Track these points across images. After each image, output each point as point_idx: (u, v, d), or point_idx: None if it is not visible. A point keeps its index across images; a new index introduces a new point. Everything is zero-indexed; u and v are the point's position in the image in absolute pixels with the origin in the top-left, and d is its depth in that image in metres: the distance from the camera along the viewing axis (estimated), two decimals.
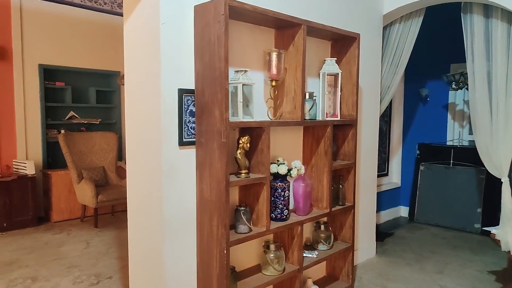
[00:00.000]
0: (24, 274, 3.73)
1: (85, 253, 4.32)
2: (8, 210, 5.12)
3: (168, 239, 2.40)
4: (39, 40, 5.69)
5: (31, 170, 5.35)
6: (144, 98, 2.49)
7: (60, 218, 5.59)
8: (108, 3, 6.28)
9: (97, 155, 5.83)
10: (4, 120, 5.45)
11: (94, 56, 6.24)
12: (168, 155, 2.36)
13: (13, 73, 5.49)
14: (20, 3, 5.47)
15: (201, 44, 2.37)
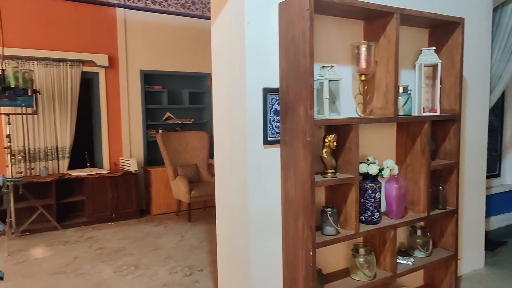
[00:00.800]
0: (129, 261, 4.08)
1: (179, 246, 4.59)
2: (115, 203, 5.67)
3: (254, 237, 2.41)
4: (140, 48, 6.19)
5: (134, 167, 5.84)
6: (230, 98, 2.53)
7: (159, 211, 6.03)
8: (200, 8, 6.59)
9: (191, 153, 6.15)
10: (113, 122, 6.05)
11: (187, 59, 6.60)
12: (253, 154, 2.37)
13: (119, 79, 6.05)
14: (125, 16, 5.99)
15: (286, 42, 2.33)
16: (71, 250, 4.46)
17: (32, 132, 5.47)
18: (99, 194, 5.58)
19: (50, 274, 3.80)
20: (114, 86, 6.04)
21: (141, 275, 3.75)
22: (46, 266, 4.00)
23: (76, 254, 4.33)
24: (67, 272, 3.84)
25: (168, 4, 6.37)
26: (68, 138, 5.71)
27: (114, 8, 5.91)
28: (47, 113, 5.54)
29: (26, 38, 5.25)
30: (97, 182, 5.55)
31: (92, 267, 3.95)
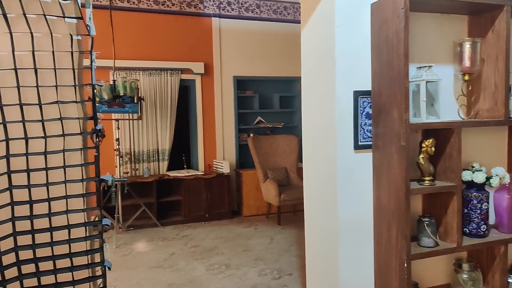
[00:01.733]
0: (220, 261, 4.26)
1: (269, 248, 4.65)
2: (209, 203, 5.96)
3: (343, 245, 2.34)
4: (233, 55, 6.45)
5: (227, 169, 6.09)
6: (319, 102, 2.50)
7: (249, 213, 6.19)
8: (291, 13, 6.65)
9: (280, 156, 6.22)
10: (207, 126, 6.39)
11: (278, 64, 6.69)
12: (343, 158, 2.31)
13: (214, 85, 6.37)
14: (219, 25, 6.30)
15: (378, 43, 2.23)
16: (169, 247, 4.80)
17: (137, 136, 6.02)
18: (194, 194, 5.92)
19: (150, 267, 4.13)
20: (209, 92, 6.37)
21: (231, 274, 3.88)
22: (147, 259, 4.36)
23: (173, 251, 4.64)
24: (164, 267, 4.13)
25: (261, 11, 6.55)
26: (168, 141, 6.16)
27: (210, 18, 6.25)
28: (150, 119, 6.05)
29: (133, 51, 5.79)
30: (192, 183, 5.89)
31: (187, 264, 4.20)
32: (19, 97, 2.00)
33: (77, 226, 2.24)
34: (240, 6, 6.42)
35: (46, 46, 1.99)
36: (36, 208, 2.14)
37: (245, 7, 6.45)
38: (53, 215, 2.17)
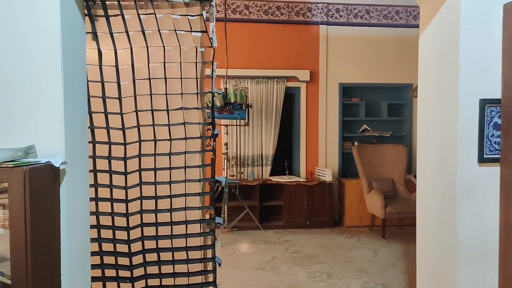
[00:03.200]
0: (321, 269, 4.22)
1: (372, 261, 4.47)
2: (310, 210, 5.95)
3: (463, 266, 2.15)
4: (340, 62, 6.37)
5: (329, 177, 6.02)
6: (439, 110, 2.34)
7: (351, 223, 6.02)
8: (404, 18, 6.34)
9: (387, 167, 5.94)
10: (310, 133, 6.40)
11: (387, 70, 6.42)
12: (465, 172, 2.12)
13: (319, 93, 6.36)
14: (327, 32, 6.28)
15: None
16: (270, 250, 4.90)
17: (243, 141, 6.29)
18: (296, 200, 5.96)
19: (252, 268, 4.27)
20: (314, 99, 6.38)
21: (333, 284, 3.82)
22: (249, 260, 4.51)
23: (274, 254, 4.73)
24: (266, 269, 4.23)
25: (370, 16, 6.37)
26: (271, 147, 6.32)
27: (318, 25, 6.27)
28: (256, 125, 6.28)
29: (243, 60, 6.08)
30: (294, 189, 5.95)
31: (288, 269, 4.24)
32: (151, 103, 2.25)
33: (193, 222, 2.43)
34: (349, 12, 6.32)
35: (175, 58, 2.21)
36: (159, 203, 2.38)
37: (353, 13, 6.34)
38: (174, 211, 2.39)
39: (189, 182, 2.35)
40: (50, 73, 1.66)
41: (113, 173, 2.29)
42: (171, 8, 2.12)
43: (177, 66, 2.22)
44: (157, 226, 2.38)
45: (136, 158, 2.29)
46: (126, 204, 2.32)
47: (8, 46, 1.64)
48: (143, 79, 2.21)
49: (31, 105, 1.65)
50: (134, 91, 2.20)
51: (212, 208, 2.45)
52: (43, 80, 1.66)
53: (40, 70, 1.65)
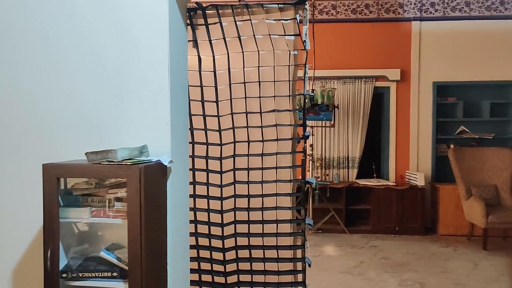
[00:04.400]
0: (413, 278, 4.00)
1: (472, 274, 4.12)
2: (400, 216, 5.67)
3: None
4: (434, 59, 5.98)
5: (421, 181, 5.68)
6: None
7: (446, 232, 5.61)
8: (510, 8, 5.74)
9: (489, 172, 5.43)
10: (401, 135, 6.11)
11: (489, 67, 5.87)
12: None
13: (410, 92, 6.04)
14: (420, 28, 5.94)
15: None
16: (357, 255, 4.78)
17: (328, 143, 6.22)
18: (384, 205, 5.72)
19: (339, 272, 4.20)
20: (405, 99, 6.07)
21: None
22: (336, 264, 4.45)
23: (361, 259, 4.60)
24: (354, 274, 4.14)
25: (470, 9, 5.88)
26: (358, 149, 6.15)
27: (410, 22, 5.96)
28: (342, 126, 6.16)
29: (330, 60, 6.01)
30: (383, 193, 5.72)
31: (377, 275, 4.10)
32: (245, 106, 2.35)
33: (284, 222, 2.48)
34: (446, 6, 5.90)
35: (269, 61, 2.28)
36: (251, 202, 2.47)
37: (451, 7, 5.90)
38: (265, 210, 2.46)
39: (280, 182, 2.40)
40: (159, 79, 1.82)
41: (209, 172, 2.44)
42: (265, 14, 2.19)
43: (271, 70, 2.28)
44: (249, 224, 2.48)
45: (231, 158, 2.41)
46: (221, 202, 2.45)
47: (123, 56, 1.84)
48: (238, 83, 2.32)
49: (143, 109, 1.83)
50: (230, 94, 2.32)
51: (302, 208, 2.47)
52: (153, 86, 1.83)
53: (150, 76, 1.83)
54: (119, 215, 1.62)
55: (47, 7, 1.86)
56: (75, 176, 1.64)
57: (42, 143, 1.88)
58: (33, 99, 1.88)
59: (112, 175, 1.57)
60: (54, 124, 1.87)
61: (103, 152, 1.56)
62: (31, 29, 1.88)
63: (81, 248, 1.86)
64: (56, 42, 1.87)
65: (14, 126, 1.90)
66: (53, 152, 1.85)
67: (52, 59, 1.87)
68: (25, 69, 1.89)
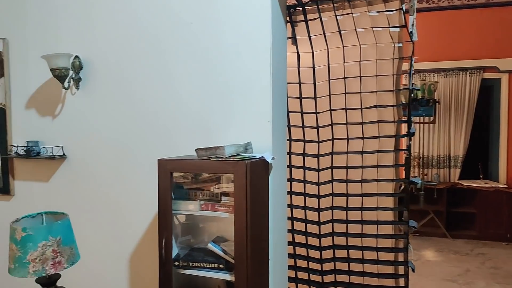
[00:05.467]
0: None
1: None
2: None
3: None
4: None
5: None
6: None
7: None
8: None
9: None
10: None
11: None
12: None
13: None
14: None
15: None
16: (462, 262, 4.39)
17: (427, 140, 5.81)
18: (493, 209, 5.18)
19: (442, 279, 3.90)
20: None
21: None
22: (438, 270, 4.14)
23: (467, 267, 4.22)
24: (459, 283, 3.81)
25: None
26: (461, 147, 5.64)
27: None
28: (443, 122, 5.70)
29: (430, 52, 5.60)
30: (491, 195, 5.18)
31: (486, 285, 3.73)
32: (345, 102, 2.29)
33: (384, 223, 2.37)
34: None
35: (371, 55, 2.19)
36: (350, 201, 2.40)
37: None
38: (365, 210, 2.37)
39: (382, 182, 2.30)
40: (262, 78, 1.85)
41: (306, 169, 2.43)
42: (368, 6, 2.11)
43: (373, 64, 2.19)
44: (347, 224, 2.41)
45: (329, 156, 2.36)
46: (318, 200, 2.43)
47: (228, 58, 1.91)
48: (338, 78, 2.26)
49: (246, 107, 1.88)
50: (329, 90, 2.28)
51: (405, 210, 2.34)
52: (256, 85, 1.87)
53: (253, 76, 1.87)
54: (226, 209, 1.69)
55: (156, 17, 2.00)
56: (187, 170, 1.75)
57: (157, 140, 2.04)
58: (149, 103, 2.04)
59: (220, 170, 1.64)
60: (168, 124, 2.01)
61: (211, 148, 1.64)
62: (145, 40, 2.03)
63: (185, 238, 1.98)
64: (168, 49, 2.00)
65: (134, 126, 2.08)
66: (167, 149, 1.99)
67: (165, 66, 2.01)
68: (143, 76, 2.05)
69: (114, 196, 2.13)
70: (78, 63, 2.11)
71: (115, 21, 2.08)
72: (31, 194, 2.28)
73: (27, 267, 1.34)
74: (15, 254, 1.36)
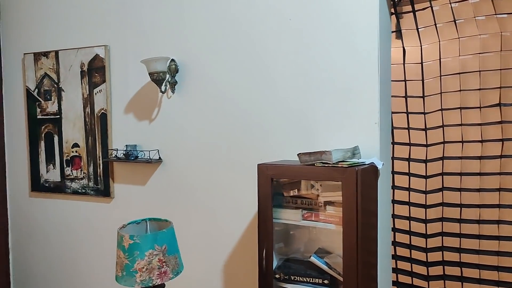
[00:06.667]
0: None
1: None
2: None
3: None
4: None
5: None
6: None
7: None
8: None
9: None
10: None
11: None
12: None
13: None
14: None
15: None
16: None
17: None
18: None
19: None
20: None
21: None
22: None
23: None
24: None
25: None
26: None
27: None
28: None
29: None
30: None
31: None
32: (460, 101, 2.02)
33: (508, 239, 2.06)
34: None
35: (492, 46, 1.90)
36: (464, 213, 2.12)
37: None
38: (482, 223, 2.08)
39: (505, 192, 1.99)
40: (368, 76, 1.68)
41: (412, 175, 2.19)
42: None
43: (495, 56, 1.91)
44: (461, 238, 2.14)
45: (439, 161, 2.11)
46: (425, 210, 2.18)
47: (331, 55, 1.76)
48: (451, 74, 2.01)
49: (351, 108, 1.72)
50: (440, 88, 2.03)
51: None
52: (361, 83, 1.70)
53: (359, 73, 1.70)
54: (332, 219, 1.54)
55: (252, 15, 1.92)
56: (288, 177, 1.63)
57: (254, 144, 1.95)
58: (246, 104, 1.96)
59: (325, 177, 1.50)
60: (266, 127, 1.91)
61: (316, 153, 1.50)
62: (241, 40, 1.96)
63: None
64: (266, 48, 1.90)
65: (229, 129, 2.01)
66: (264, 153, 1.90)
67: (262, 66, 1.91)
68: (238, 77, 1.97)
69: (209, 201, 2.09)
70: (174, 66, 2.10)
71: (209, 22, 2.04)
72: (129, 197, 2.33)
73: (134, 276, 1.31)
74: (122, 262, 1.34)
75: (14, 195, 2.73)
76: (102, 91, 2.33)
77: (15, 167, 2.71)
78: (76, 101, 2.41)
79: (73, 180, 2.46)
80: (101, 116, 2.35)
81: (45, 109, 2.52)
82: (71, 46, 2.41)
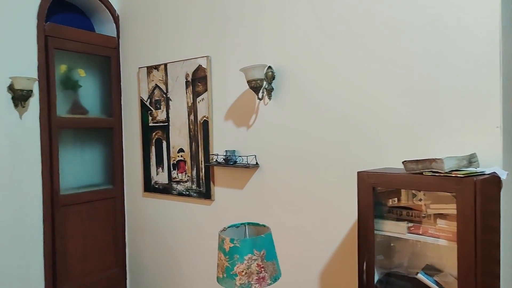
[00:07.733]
0: None
1: None
2: None
3: None
4: None
5: None
6: None
7: None
8: None
9: None
10: None
11: None
12: None
13: None
14: None
15: None
16: None
17: None
18: None
19: None
20: None
21: None
22: None
23: None
24: None
25: None
26: None
27: None
28: None
29: None
30: None
31: None
32: None
33: None
34: None
35: None
36: None
37: None
38: None
39: None
40: (488, 74, 1.49)
41: None
42: None
43: None
44: None
45: None
46: None
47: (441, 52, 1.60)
48: None
49: (466, 110, 1.54)
50: None
51: None
52: (479, 82, 1.51)
53: (475, 68, 1.51)
54: (443, 235, 1.38)
55: (350, 17, 1.83)
56: (393, 186, 1.51)
57: (353, 151, 1.86)
58: (343, 109, 1.88)
59: (436, 188, 1.36)
60: (366, 132, 1.81)
61: (425, 161, 1.37)
62: (338, 43, 1.89)
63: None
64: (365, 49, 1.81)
65: (326, 135, 1.95)
66: (364, 161, 1.80)
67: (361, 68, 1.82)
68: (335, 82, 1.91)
69: (304, 208, 2.05)
70: (271, 73, 2.11)
71: (304, 26, 2.00)
72: (228, 200, 2.40)
73: (234, 279, 1.34)
74: (223, 264, 1.37)
75: (130, 195, 3.02)
76: (204, 99, 2.45)
77: (130, 169, 2.99)
78: (181, 109, 2.58)
79: (179, 183, 2.63)
80: (203, 123, 2.47)
81: (156, 117, 2.74)
82: (178, 59, 2.58)
